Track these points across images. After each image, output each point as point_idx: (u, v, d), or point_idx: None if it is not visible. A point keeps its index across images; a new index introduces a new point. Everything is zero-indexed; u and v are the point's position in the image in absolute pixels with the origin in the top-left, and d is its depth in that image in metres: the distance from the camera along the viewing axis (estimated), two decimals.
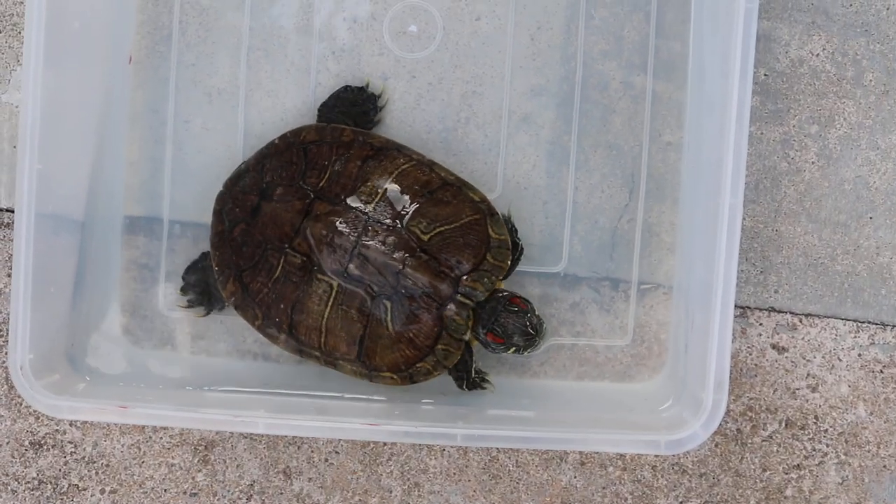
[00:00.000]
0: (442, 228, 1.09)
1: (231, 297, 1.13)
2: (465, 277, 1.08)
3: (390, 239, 1.08)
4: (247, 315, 1.13)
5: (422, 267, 1.07)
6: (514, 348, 1.09)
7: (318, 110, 1.16)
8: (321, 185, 1.10)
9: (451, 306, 1.08)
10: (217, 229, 1.13)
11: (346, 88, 1.16)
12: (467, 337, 1.09)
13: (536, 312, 1.10)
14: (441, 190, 1.10)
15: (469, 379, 1.12)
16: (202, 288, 1.17)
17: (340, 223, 1.08)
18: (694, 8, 1.16)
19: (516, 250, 1.12)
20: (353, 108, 1.16)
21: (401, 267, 1.07)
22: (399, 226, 1.08)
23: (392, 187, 1.09)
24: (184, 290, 1.18)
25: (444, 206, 1.09)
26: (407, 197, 1.09)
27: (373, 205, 1.09)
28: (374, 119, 1.17)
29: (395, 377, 1.10)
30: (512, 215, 1.14)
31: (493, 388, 1.13)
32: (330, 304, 1.09)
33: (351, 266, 1.08)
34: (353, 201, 1.09)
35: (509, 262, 1.10)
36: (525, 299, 1.10)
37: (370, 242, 1.08)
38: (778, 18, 1.18)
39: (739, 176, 1.02)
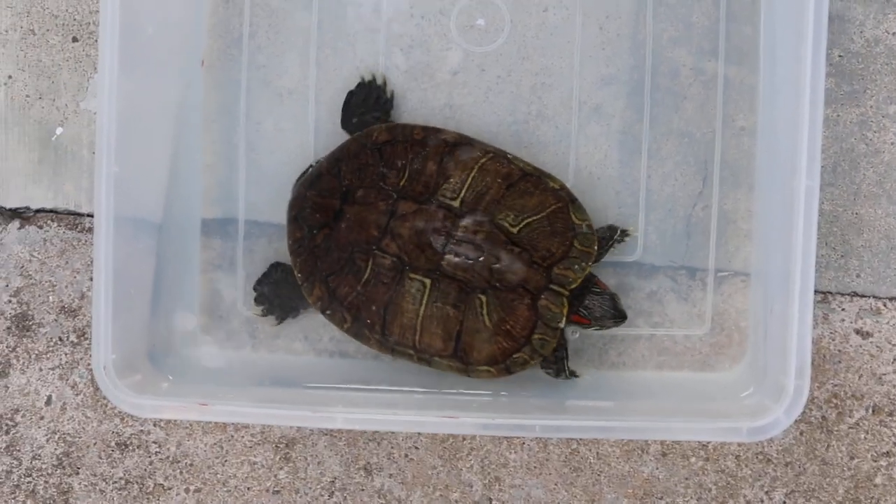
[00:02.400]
0: (530, 219, 1.09)
1: (318, 301, 1.13)
2: (556, 266, 1.08)
3: (480, 234, 1.08)
4: (335, 319, 1.13)
5: (515, 259, 1.08)
6: (597, 327, 1.11)
7: (343, 128, 1.17)
8: (402, 184, 1.10)
9: (546, 296, 1.08)
10: (296, 236, 1.14)
11: (351, 94, 1.17)
12: (563, 325, 1.09)
13: (619, 297, 1.11)
14: (522, 181, 1.10)
15: (565, 368, 1.13)
16: (274, 299, 1.18)
17: (428, 221, 1.09)
18: None
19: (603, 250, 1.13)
20: (366, 103, 1.16)
21: (494, 261, 1.08)
22: (487, 220, 1.09)
23: (476, 183, 1.09)
24: (257, 301, 1.19)
25: (529, 197, 1.10)
26: (492, 190, 1.09)
27: (458, 200, 1.09)
28: (391, 99, 1.17)
29: (491, 370, 1.10)
30: (619, 229, 1.15)
31: (582, 375, 1.15)
32: (424, 302, 1.09)
33: (443, 263, 1.08)
34: (437, 198, 1.09)
35: (596, 247, 1.10)
36: (610, 288, 1.12)
37: (461, 238, 1.08)
38: None
39: (815, 158, 1.01)
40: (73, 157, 1.21)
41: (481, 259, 1.08)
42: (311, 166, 1.16)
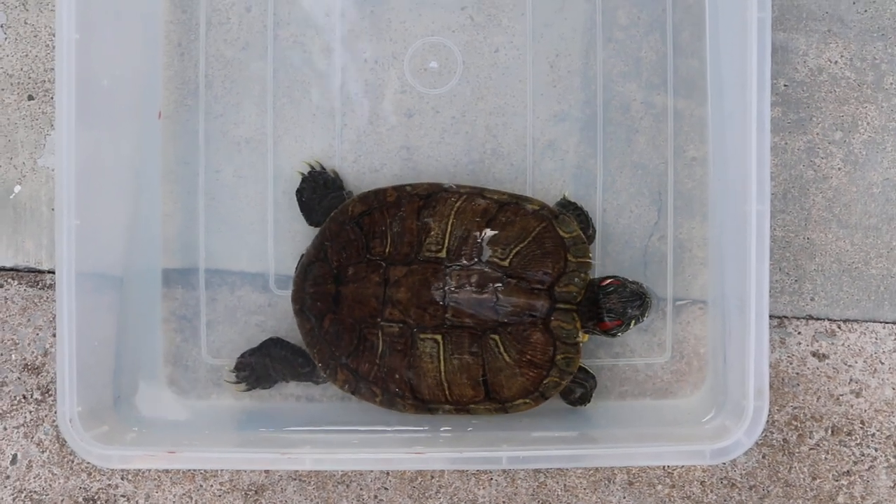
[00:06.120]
0: (517, 248, 1.10)
1: (345, 385, 1.13)
2: (556, 285, 1.09)
3: (474, 277, 1.09)
4: (365, 396, 1.13)
5: (514, 292, 1.08)
6: (633, 320, 1.10)
7: (310, 223, 1.18)
8: (388, 251, 1.11)
9: (556, 316, 1.09)
10: (306, 328, 1.14)
11: (300, 191, 1.18)
12: (580, 339, 1.10)
13: (630, 279, 1.11)
14: (501, 213, 1.11)
15: (589, 397, 1.14)
16: (256, 371, 1.18)
17: (422, 280, 1.09)
18: (709, 24, 1.17)
19: (588, 228, 1.15)
20: (318, 191, 1.18)
21: (494, 299, 1.08)
22: (477, 261, 1.09)
23: (456, 228, 1.10)
24: (238, 368, 1.19)
25: (511, 227, 1.10)
26: (473, 231, 1.10)
27: (444, 251, 1.10)
28: (338, 177, 1.18)
29: (527, 401, 1.11)
30: (571, 195, 1.17)
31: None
32: (441, 358, 1.10)
33: (447, 316, 1.09)
34: (424, 255, 1.10)
35: (590, 255, 1.11)
36: (614, 276, 1.12)
37: (457, 287, 1.08)
38: (793, 29, 1.19)
39: (764, 182, 1.03)
40: (32, 215, 1.22)
41: (482, 301, 1.08)
42: (303, 256, 1.16)
